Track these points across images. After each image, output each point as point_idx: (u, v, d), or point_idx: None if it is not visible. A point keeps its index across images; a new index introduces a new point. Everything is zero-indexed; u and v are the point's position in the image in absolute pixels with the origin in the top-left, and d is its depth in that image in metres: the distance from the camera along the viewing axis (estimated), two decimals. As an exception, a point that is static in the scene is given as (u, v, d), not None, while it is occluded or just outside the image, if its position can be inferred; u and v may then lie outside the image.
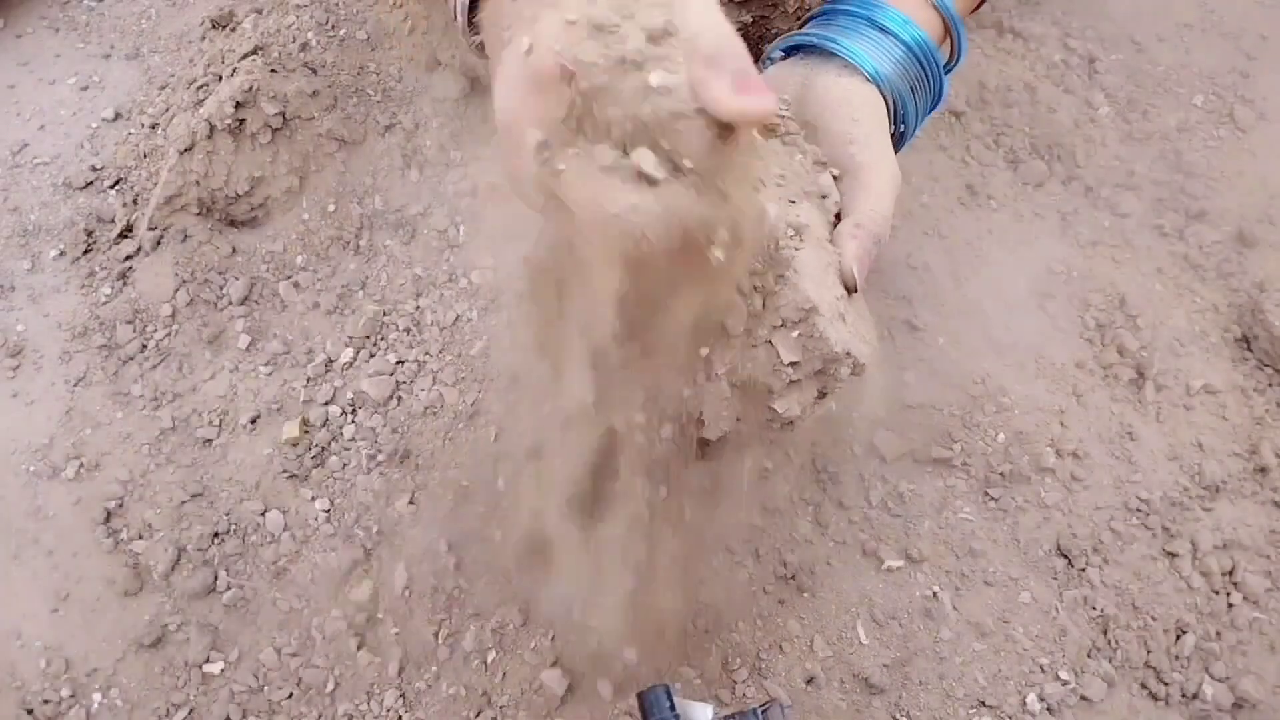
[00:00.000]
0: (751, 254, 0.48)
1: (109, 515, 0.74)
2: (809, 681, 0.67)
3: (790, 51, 0.63)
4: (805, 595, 0.69)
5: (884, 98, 0.60)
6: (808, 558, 0.70)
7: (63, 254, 0.86)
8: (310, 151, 0.85)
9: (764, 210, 0.48)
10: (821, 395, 0.51)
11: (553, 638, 0.68)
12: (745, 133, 0.42)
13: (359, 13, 0.90)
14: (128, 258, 0.85)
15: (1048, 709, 0.67)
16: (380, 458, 0.75)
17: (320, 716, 0.67)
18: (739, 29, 0.79)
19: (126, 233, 0.87)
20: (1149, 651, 0.70)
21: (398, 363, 0.78)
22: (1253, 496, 0.75)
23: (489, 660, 0.68)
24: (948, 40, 0.64)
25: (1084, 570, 0.71)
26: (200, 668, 0.69)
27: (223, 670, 0.69)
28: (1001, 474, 0.73)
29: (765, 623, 0.69)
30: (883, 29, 0.60)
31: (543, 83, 0.41)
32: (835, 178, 0.56)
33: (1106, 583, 0.71)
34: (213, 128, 0.82)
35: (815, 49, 0.60)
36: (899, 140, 0.63)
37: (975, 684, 0.67)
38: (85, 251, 0.86)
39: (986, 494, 0.73)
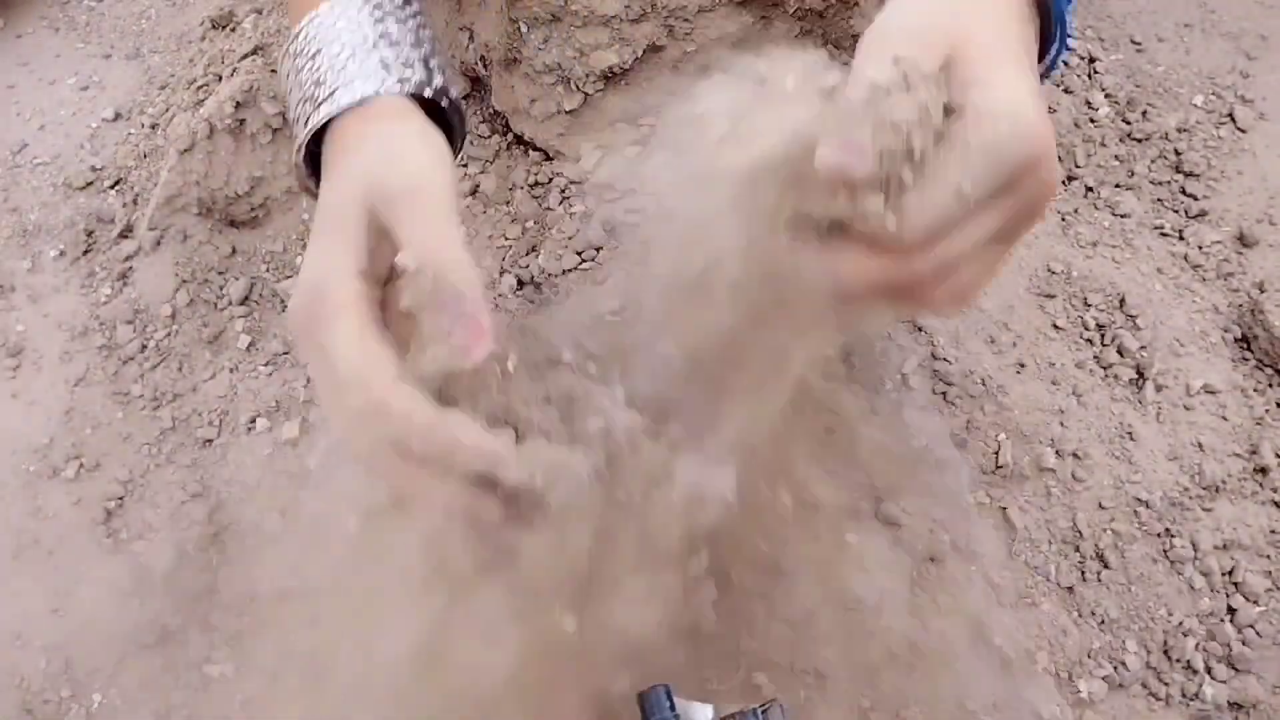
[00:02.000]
0: None
1: (109, 515, 0.74)
2: (814, 674, 0.67)
3: None
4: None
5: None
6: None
7: (63, 254, 0.86)
8: (310, 151, 0.85)
9: None
10: None
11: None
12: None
13: (359, 13, 0.89)
14: (128, 258, 0.85)
15: (1048, 709, 0.67)
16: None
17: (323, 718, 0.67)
18: (739, 29, 0.80)
19: (126, 233, 0.87)
20: (1149, 652, 0.70)
21: (398, 363, 0.78)
22: (1253, 496, 0.75)
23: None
24: None
25: (1084, 571, 0.71)
26: (200, 669, 0.69)
27: (223, 671, 0.69)
28: (1002, 474, 0.73)
29: (761, 623, 0.68)
30: None
31: None
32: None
33: (1106, 583, 0.71)
34: (213, 128, 0.82)
35: None
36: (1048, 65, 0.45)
37: (976, 685, 0.67)
38: (85, 251, 0.86)
39: (987, 495, 0.73)
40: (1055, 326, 0.80)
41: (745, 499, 0.57)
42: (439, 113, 0.50)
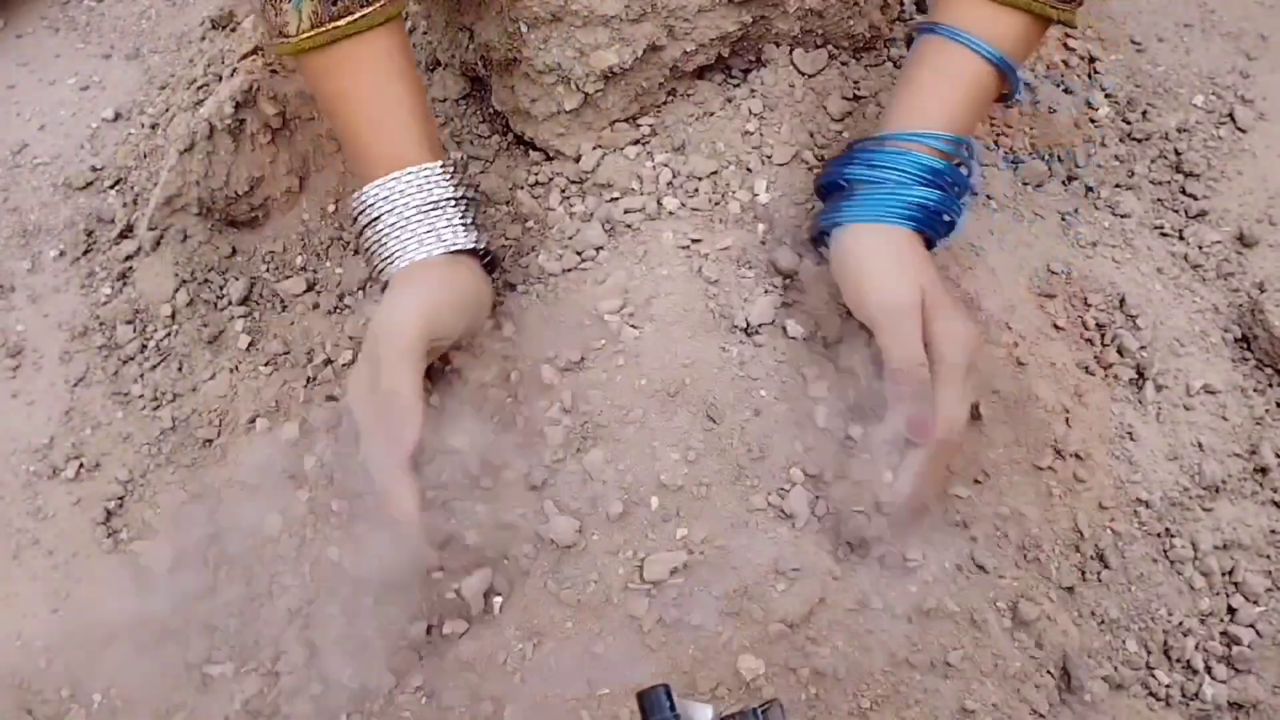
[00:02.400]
0: None
1: (109, 515, 0.74)
2: (814, 675, 0.67)
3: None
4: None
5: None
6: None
7: (63, 254, 0.86)
8: (310, 151, 0.85)
9: None
10: None
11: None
12: None
13: (359, 13, 0.89)
14: (128, 258, 0.85)
15: (1048, 709, 0.67)
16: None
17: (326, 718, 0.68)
18: (739, 29, 0.80)
19: (126, 233, 0.87)
20: (1149, 652, 0.70)
21: (398, 363, 0.78)
22: (1253, 496, 0.75)
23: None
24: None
25: (1084, 571, 0.71)
26: (200, 668, 0.69)
27: (222, 671, 0.69)
28: (1003, 475, 0.73)
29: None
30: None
31: None
32: None
33: (1106, 583, 0.71)
34: (213, 128, 0.82)
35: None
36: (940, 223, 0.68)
37: (976, 685, 0.67)
38: (85, 251, 0.86)
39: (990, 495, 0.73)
40: (1055, 326, 0.80)
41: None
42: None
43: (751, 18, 0.78)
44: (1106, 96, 0.92)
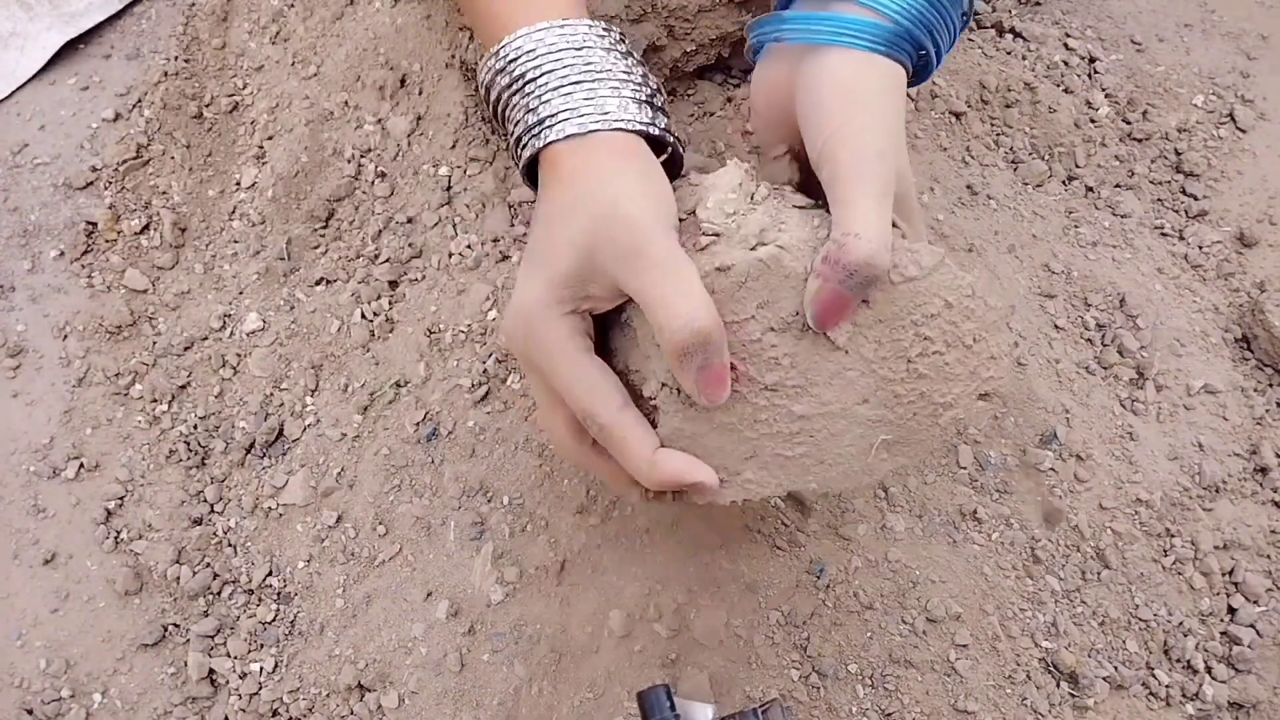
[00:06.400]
0: None
1: (109, 515, 0.74)
2: (814, 675, 0.67)
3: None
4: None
5: (897, 62, 0.50)
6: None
7: (63, 254, 0.86)
8: (310, 151, 0.85)
9: None
10: None
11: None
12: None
13: (359, 13, 0.89)
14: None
15: (1048, 709, 0.67)
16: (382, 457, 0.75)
17: (325, 718, 0.68)
18: (739, 29, 0.80)
19: (125, 235, 0.87)
20: (1149, 651, 0.70)
21: (398, 363, 0.78)
22: (1253, 496, 0.75)
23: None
24: None
25: (1084, 571, 0.71)
26: (201, 668, 0.69)
27: (223, 670, 0.69)
28: (1003, 475, 0.74)
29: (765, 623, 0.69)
30: None
31: None
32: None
33: (1106, 583, 0.71)
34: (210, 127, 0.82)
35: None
36: (923, 73, 0.53)
37: (975, 685, 0.67)
38: (85, 251, 0.86)
39: (989, 495, 0.73)
40: (1056, 326, 0.80)
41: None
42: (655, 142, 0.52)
43: (751, 18, 0.79)
44: (1106, 96, 0.92)
